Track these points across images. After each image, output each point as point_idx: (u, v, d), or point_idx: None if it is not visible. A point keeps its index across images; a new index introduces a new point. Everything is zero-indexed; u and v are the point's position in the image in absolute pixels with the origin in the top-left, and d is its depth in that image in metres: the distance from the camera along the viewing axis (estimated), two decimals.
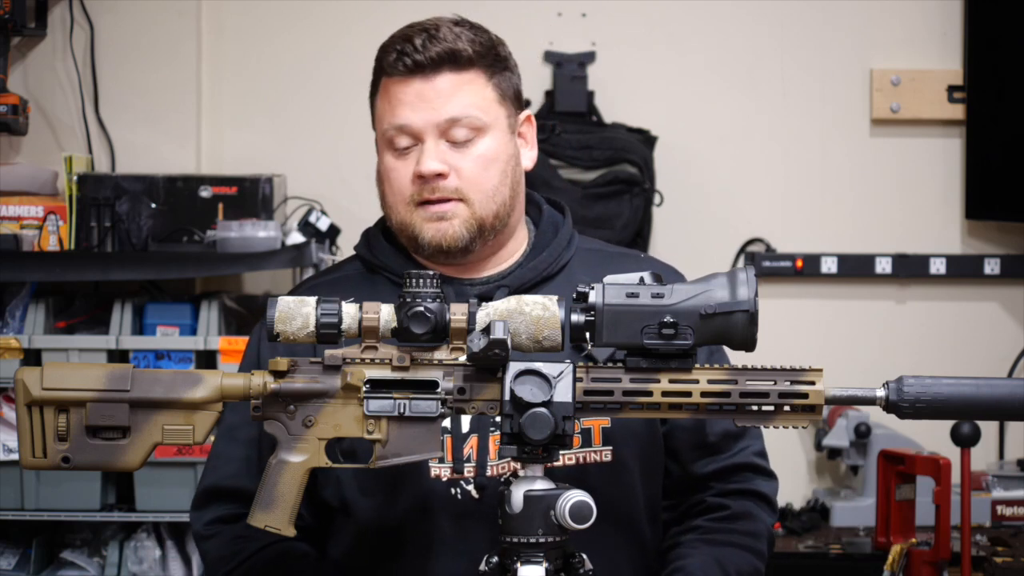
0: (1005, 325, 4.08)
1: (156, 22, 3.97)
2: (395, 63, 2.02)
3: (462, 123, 2.00)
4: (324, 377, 1.78)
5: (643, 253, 2.18)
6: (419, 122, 2.00)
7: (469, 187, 2.00)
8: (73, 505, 3.54)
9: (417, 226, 2.01)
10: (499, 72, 2.05)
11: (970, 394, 1.76)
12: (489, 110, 2.02)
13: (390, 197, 2.04)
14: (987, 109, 3.99)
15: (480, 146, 2.01)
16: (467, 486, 1.97)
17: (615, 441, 2.00)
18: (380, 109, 2.07)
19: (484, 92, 2.02)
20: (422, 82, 2.00)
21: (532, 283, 2.06)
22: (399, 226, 2.04)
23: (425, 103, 2.00)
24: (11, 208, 3.69)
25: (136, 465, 1.78)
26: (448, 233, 2.00)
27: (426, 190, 2.00)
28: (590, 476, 1.98)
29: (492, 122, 2.02)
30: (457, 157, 2.00)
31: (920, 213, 4.09)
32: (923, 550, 3.06)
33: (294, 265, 3.59)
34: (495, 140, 2.02)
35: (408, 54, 2.00)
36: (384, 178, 2.05)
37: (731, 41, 4.10)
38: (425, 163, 1.99)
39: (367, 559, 2.00)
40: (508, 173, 2.04)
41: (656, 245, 3.99)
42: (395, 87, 2.03)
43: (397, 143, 2.02)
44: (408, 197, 2.01)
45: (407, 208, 2.02)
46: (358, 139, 4.08)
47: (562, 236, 2.11)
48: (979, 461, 3.82)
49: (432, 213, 2.00)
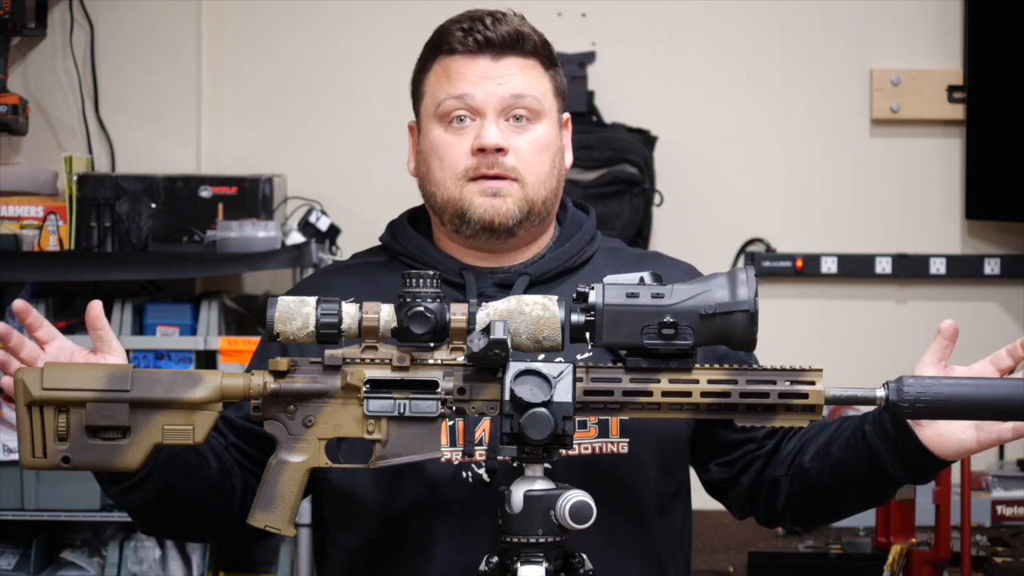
0: (1005, 325, 4.08)
1: (156, 22, 3.97)
2: (463, 39, 2.02)
3: (523, 103, 2.02)
4: (324, 377, 1.78)
5: (662, 253, 2.18)
6: (482, 96, 2.01)
7: (525, 168, 2.01)
8: (73, 505, 3.54)
9: (468, 200, 2.00)
10: (553, 67, 2.08)
11: (970, 394, 1.77)
12: (546, 98, 2.04)
13: (439, 172, 2.03)
14: (987, 109, 3.99)
15: (536, 130, 2.03)
16: (478, 470, 1.97)
17: (632, 434, 1.99)
18: (433, 86, 2.05)
19: (542, 81, 2.05)
20: (489, 60, 2.02)
21: (555, 273, 2.06)
22: (446, 202, 2.02)
23: (489, 80, 2.01)
24: (11, 208, 3.69)
25: (136, 465, 1.78)
26: (501, 210, 2.00)
27: (484, 164, 2.00)
28: (604, 466, 1.98)
29: (547, 110, 2.04)
30: (516, 137, 2.01)
31: (920, 213, 4.09)
32: (923, 550, 3.06)
33: (294, 265, 3.59)
34: (549, 128, 2.04)
35: (479, 31, 2.02)
36: (434, 153, 2.03)
37: (731, 41, 4.10)
38: (488, 136, 1.99)
39: (374, 541, 2.00)
40: (556, 164, 2.06)
41: (656, 245, 3.99)
42: (458, 64, 2.03)
43: (454, 116, 2.02)
44: (462, 171, 2.01)
45: (458, 183, 2.01)
46: (358, 139, 4.10)
47: (586, 231, 2.11)
48: (979, 461, 3.82)
49: (487, 188, 2.00)
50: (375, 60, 4.06)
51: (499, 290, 2.03)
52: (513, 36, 2.02)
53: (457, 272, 2.04)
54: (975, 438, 1.89)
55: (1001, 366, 1.89)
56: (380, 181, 4.02)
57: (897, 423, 1.90)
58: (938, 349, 1.91)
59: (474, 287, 2.03)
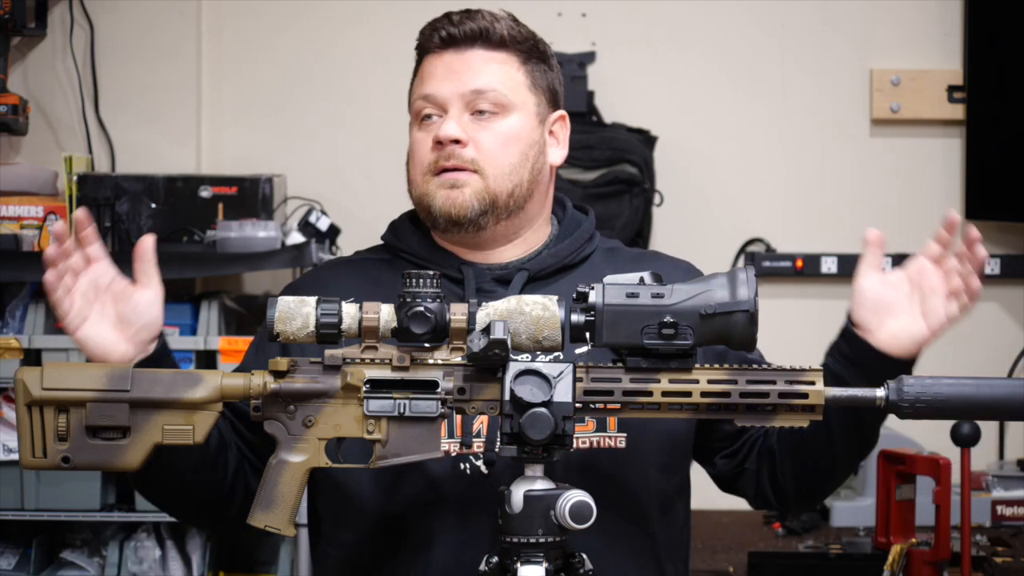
0: (1005, 325, 4.08)
1: (156, 22, 3.97)
2: (431, 37, 2.06)
3: (487, 97, 2.03)
4: (324, 377, 1.78)
5: (661, 252, 2.19)
6: (444, 92, 2.03)
7: (486, 160, 2.02)
8: (73, 505, 3.54)
9: (431, 194, 2.02)
10: (534, 62, 2.08)
11: (970, 394, 1.77)
12: (517, 92, 2.05)
13: (412, 171, 2.07)
14: (987, 109, 3.99)
15: (503, 124, 2.04)
16: (476, 461, 1.97)
17: (630, 429, 1.99)
18: (413, 88, 2.09)
19: (514, 74, 2.06)
20: (453, 55, 2.04)
21: (553, 269, 2.07)
22: (417, 200, 2.05)
23: (453, 74, 2.03)
24: (11, 208, 3.68)
25: (136, 465, 1.78)
26: (458, 201, 2.01)
27: (442, 157, 2.02)
28: (601, 461, 1.98)
29: (519, 104, 2.05)
30: (478, 130, 2.02)
31: (920, 213, 4.09)
32: (923, 550, 3.06)
33: (294, 265, 3.59)
34: (520, 121, 2.05)
35: (443, 28, 2.05)
36: (409, 153, 2.07)
37: (731, 41, 4.10)
38: (443, 128, 2.01)
39: (373, 537, 2.00)
40: (529, 158, 2.05)
41: (656, 245, 3.99)
42: (429, 63, 2.06)
43: (423, 114, 2.05)
44: (426, 166, 2.03)
45: (424, 178, 2.04)
46: (358, 139, 4.10)
47: (584, 229, 2.12)
48: (979, 461, 3.82)
49: (445, 180, 2.02)
50: (375, 60, 4.06)
51: (498, 285, 2.04)
52: (478, 30, 2.04)
53: (456, 268, 2.05)
54: (924, 326, 1.94)
55: (932, 254, 1.95)
56: (380, 181, 4.02)
57: (851, 340, 1.94)
58: (872, 259, 1.97)
59: (472, 282, 2.03)
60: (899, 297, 1.94)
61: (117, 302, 1.88)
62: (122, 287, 1.89)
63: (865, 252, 1.97)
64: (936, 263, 1.95)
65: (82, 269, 1.88)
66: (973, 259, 1.92)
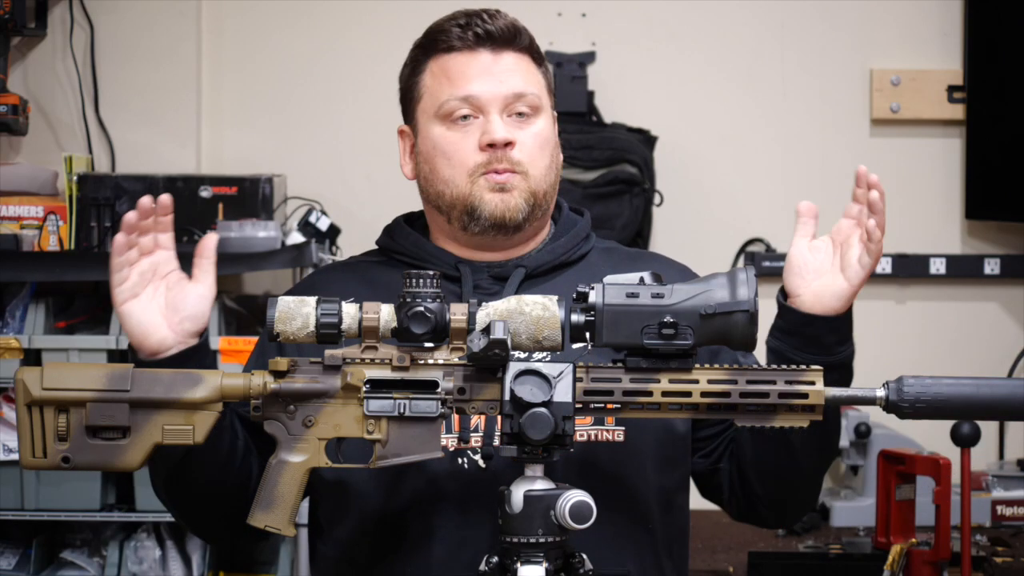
0: (1005, 325, 4.08)
1: (156, 22, 3.97)
2: (462, 35, 2.04)
3: (525, 99, 2.04)
4: (324, 377, 1.78)
5: (657, 253, 2.19)
6: (486, 94, 2.02)
7: (529, 162, 2.03)
8: (73, 505, 3.54)
9: (478, 197, 2.02)
10: (542, 64, 2.10)
11: (970, 394, 1.77)
12: (542, 94, 2.07)
13: (447, 171, 2.04)
14: (987, 109, 3.99)
15: (537, 125, 2.05)
16: (474, 456, 1.97)
17: (628, 423, 1.99)
18: (432, 87, 2.06)
19: (537, 77, 2.07)
20: (490, 55, 2.04)
21: (550, 266, 2.07)
22: (455, 199, 2.03)
23: (492, 76, 2.03)
24: (11, 208, 3.68)
25: (136, 465, 1.78)
26: (511, 204, 2.01)
27: (494, 159, 2.01)
28: (599, 454, 1.98)
29: (544, 106, 2.07)
30: (518, 131, 2.03)
31: (920, 213, 4.09)
32: (923, 550, 3.06)
33: (294, 265, 3.59)
34: (545, 123, 2.06)
35: (478, 25, 2.04)
36: (439, 153, 2.04)
37: (731, 41, 4.10)
38: (497, 131, 2.01)
39: (370, 527, 2.00)
40: (555, 158, 2.08)
41: (656, 245, 3.99)
42: (456, 62, 2.04)
43: (457, 115, 2.03)
44: (473, 167, 2.02)
45: (469, 180, 2.02)
46: (358, 139, 4.10)
47: (580, 227, 2.13)
48: (979, 461, 3.82)
49: (496, 183, 2.01)
50: (375, 60, 4.06)
51: (495, 282, 2.04)
52: (511, 30, 2.05)
53: (453, 266, 2.05)
54: (844, 280, 1.95)
55: (851, 214, 2.00)
56: (380, 181, 4.02)
57: (783, 312, 1.95)
58: (803, 228, 1.98)
59: (470, 280, 2.03)
60: (823, 259, 1.96)
61: (169, 290, 1.89)
62: (178, 278, 1.90)
63: (797, 223, 1.98)
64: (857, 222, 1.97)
65: (148, 251, 1.88)
66: (873, 203, 1.98)
